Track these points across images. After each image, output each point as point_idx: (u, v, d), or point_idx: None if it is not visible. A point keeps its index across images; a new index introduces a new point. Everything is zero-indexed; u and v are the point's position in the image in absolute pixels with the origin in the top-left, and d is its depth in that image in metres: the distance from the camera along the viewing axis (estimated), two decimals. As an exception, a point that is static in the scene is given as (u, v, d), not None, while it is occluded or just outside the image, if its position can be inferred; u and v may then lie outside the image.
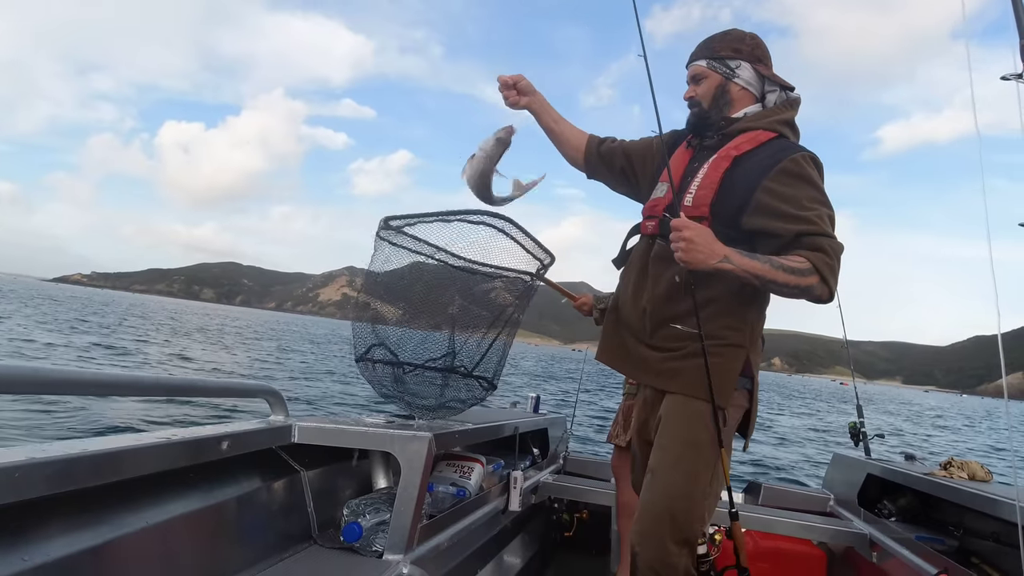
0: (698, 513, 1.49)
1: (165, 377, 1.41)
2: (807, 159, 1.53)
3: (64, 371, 1.04)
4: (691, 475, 1.50)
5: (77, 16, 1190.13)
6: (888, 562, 2.29)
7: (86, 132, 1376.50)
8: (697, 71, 1.67)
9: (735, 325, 1.54)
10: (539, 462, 3.06)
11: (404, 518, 1.50)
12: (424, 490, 1.57)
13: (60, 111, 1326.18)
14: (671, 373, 1.56)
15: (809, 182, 1.51)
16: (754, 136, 1.59)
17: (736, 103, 1.65)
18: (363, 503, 1.61)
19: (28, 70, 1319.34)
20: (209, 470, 1.36)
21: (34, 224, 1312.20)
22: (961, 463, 2.46)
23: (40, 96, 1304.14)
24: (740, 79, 1.64)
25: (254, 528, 1.42)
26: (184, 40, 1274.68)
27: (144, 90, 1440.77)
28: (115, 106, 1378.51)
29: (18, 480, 0.91)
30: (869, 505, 2.71)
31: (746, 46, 1.65)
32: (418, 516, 1.54)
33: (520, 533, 2.72)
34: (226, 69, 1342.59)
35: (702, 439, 1.50)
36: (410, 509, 1.51)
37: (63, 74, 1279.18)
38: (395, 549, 1.48)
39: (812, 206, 1.48)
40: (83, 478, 1.03)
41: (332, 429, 1.62)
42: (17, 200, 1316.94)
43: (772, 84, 1.66)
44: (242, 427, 1.48)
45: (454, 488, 1.98)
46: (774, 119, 1.62)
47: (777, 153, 1.53)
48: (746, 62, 1.64)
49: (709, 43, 1.67)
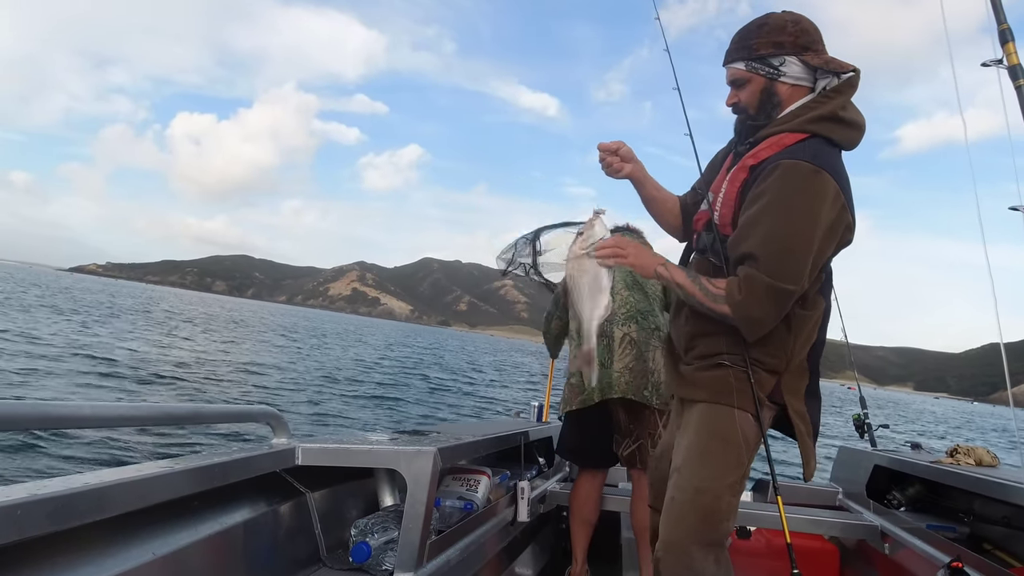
0: (725, 511, 1.43)
1: (165, 406, 1.40)
2: (794, 170, 1.35)
3: (64, 406, 1.03)
4: (718, 470, 1.45)
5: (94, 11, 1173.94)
6: (900, 552, 2.28)
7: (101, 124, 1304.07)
8: (737, 75, 1.49)
9: (772, 351, 1.46)
10: (545, 471, 3.05)
11: (413, 535, 1.49)
12: (431, 506, 1.55)
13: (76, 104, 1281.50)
14: (699, 383, 1.53)
15: (777, 199, 1.35)
16: (778, 140, 1.44)
17: (786, 102, 1.48)
18: (371, 522, 1.60)
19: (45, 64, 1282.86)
20: (214, 497, 1.35)
21: (50, 214, 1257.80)
22: (967, 449, 2.45)
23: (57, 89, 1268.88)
24: (787, 77, 1.45)
25: (262, 553, 1.40)
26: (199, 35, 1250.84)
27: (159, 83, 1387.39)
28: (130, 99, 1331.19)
29: (20, 518, 0.90)
30: (878, 496, 2.70)
31: (788, 36, 1.44)
32: (426, 532, 1.53)
33: (530, 544, 2.70)
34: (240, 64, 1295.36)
35: (730, 435, 1.45)
36: (418, 526, 1.50)
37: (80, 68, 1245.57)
38: (405, 567, 1.46)
39: (759, 231, 1.35)
40: (86, 513, 1.02)
41: (336, 449, 1.61)
42: (33, 190, 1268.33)
43: (825, 72, 1.45)
44: (245, 452, 1.47)
45: (461, 502, 1.96)
46: (804, 118, 1.43)
47: (776, 157, 1.39)
48: (791, 56, 1.44)
49: (746, 39, 1.47)
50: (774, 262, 1.34)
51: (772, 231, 1.35)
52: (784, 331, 1.45)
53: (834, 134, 1.43)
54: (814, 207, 1.34)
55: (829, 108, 1.42)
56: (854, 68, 1.44)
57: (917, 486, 2.61)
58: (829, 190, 1.35)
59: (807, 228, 1.34)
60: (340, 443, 1.65)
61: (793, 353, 1.47)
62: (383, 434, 1.88)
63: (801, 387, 1.52)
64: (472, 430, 2.04)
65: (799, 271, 1.35)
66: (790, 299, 1.37)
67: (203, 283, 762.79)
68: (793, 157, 1.37)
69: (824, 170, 1.35)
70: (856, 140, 1.49)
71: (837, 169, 1.39)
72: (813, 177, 1.34)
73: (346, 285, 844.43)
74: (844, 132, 1.45)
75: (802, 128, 1.42)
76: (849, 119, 1.45)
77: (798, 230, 1.34)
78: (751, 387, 1.45)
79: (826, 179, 1.35)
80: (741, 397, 1.45)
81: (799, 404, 1.51)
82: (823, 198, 1.34)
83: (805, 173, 1.34)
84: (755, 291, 1.35)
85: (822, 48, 1.46)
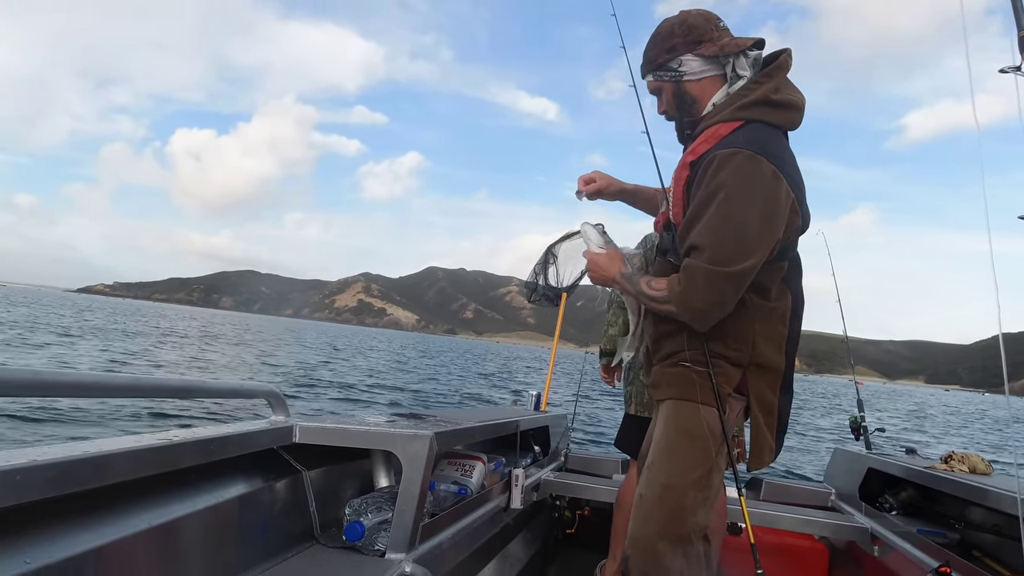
0: (691, 506, 1.45)
1: (166, 378, 1.41)
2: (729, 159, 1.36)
3: (65, 373, 1.04)
4: (684, 465, 1.47)
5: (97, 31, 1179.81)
6: (889, 556, 2.29)
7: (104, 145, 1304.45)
8: (650, 87, 1.60)
9: (733, 344, 1.48)
10: (540, 459, 3.07)
11: (406, 517, 1.51)
12: (426, 489, 1.57)
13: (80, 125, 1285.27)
14: (665, 382, 1.56)
15: (715, 190, 1.36)
16: (713, 132, 1.46)
17: (701, 97, 1.52)
18: (365, 502, 1.61)
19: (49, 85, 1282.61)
20: (211, 471, 1.36)
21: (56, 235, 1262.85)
22: (962, 456, 2.46)
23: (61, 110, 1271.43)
24: (690, 75, 1.51)
25: (256, 528, 1.42)
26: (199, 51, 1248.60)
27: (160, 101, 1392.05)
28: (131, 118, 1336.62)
29: (19, 482, 0.91)
30: (870, 499, 2.71)
31: (677, 38, 1.50)
32: (420, 515, 1.54)
33: (522, 531, 2.72)
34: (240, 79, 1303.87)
35: (695, 431, 1.47)
36: (412, 508, 1.51)
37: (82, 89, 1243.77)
38: (397, 548, 1.48)
39: (698, 223, 1.38)
40: (85, 480, 1.03)
41: (333, 429, 1.63)
42: (38, 212, 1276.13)
43: (727, 55, 1.48)
44: (243, 428, 1.49)
45: (456, 486, 1.98)
46: (736, 106, 1.46)
47: (713, 150, 1.41)
48: (685, 55, 1.50)
49: (647, 53, 1.57)
50: (714, 249, 1.35)
51: (710, 221, 1.36)
52: (744, 322, 1.47)
53: (770, 117, 1.45)
54: (752, 191, 1.35)
55: (760, 93, 1.44)
56: (755, 40, 1.46)
57: (910, 490, 2.62)
58: (766, 172, 1.35)
59: (745, 212, 1.35)
60: (338, 423, 1.66)
61: (755, 345, 1.48)
62: (381, 416, 1.90)
63: (771, 379, 1.52)
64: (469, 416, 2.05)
65: (739, 253, 1.34)
66: (733, 283, 1.36)
67: (210, 299, 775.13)
68: (728, 146, 1.38)
69: (759, 154, 1.36)
70: (796, 120, 1.50)
71: (774, 152, 1.40)
72: (747, 163, 1.35)
73: (352, 296, 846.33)
74: (780, 114, 1.46)
75: (735, 116, 1.44)
76: (782, 100, 1.46)
77: (735, 213, 1.35)
78: (711, 382, 1.46)
79: (761, 162, 1.35)
80: (704, 392, 1.47)
81: (766, 394, 1.51)
82: (760, 181, 1.35)
83: (739, 160, 1.35)
84: (694, 280, 1.37)
85: (716, 34, 1.48)
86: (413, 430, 1.61)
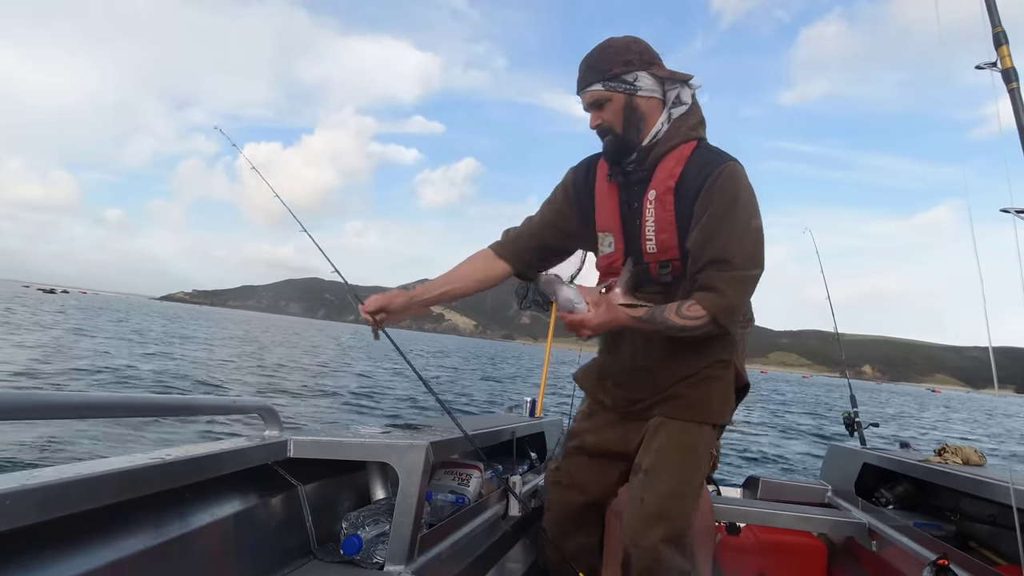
0: (689, 514, 1.55)
1: (158, 397, 1.39)
2: (735, 170, 1.47)
3: (54, 396, 1.03)
4: (689, 473, 1.57)
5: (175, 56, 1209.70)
6: (887, 550, 2.30)
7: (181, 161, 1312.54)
8: (597, 96, 1.56)
9: (731, 348, 1.63)
10: (537, 466, 3.06)
11: (404, 528, 1.50)
12: (423, 499, 1.56)
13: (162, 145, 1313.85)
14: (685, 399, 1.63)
15: (732, 200, 1.46)
16: (679, 153, 1.53)
17: (649, 116, 1.56)
18: (362, 515, 1.60)
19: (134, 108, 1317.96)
20: (205, 489, 1.34)
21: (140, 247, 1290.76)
22: (955, 448, 2.48)
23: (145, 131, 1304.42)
24: (643, 91, 1.55)
25: (253, 545, 1.40)
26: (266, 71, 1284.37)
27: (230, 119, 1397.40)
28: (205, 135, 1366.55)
29: (9, 507, 0.90)
30: (866, 494, 2.72)
31: (634, 54, 1.55)
32: (418, 526, 1.53)
33: (521, 538, 2.71)
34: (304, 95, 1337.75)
35: (700, 448, 1.60)
36: (409, 519, 1.50)
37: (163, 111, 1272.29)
38: (396, 560, 1.47)
39: (724, 233, 1.45)
40: (77, 502, 1.02)
41: (328, 442, 1.61)
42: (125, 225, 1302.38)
43: (672, 82, 1.57)
44: (237, 444, 1.47)
45: (453, 496, 1.97)
46: (689, 126, 1.56)
47: (704, 168, 1.49)
48: (641, 71, 1.54)
49: (597, 64, 1.55)
50: (744, 257, 1.47)
51: (735, 231, 1.47)
52: None
53: (704, 135, 1.60)
54: (754, 199, 1.51)
55: (700, 115, 1.59)
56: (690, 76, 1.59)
57: (905, 484, 2.64)
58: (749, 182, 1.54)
59: (757, 219, 1.50)
60: (332, 436, 1.65)
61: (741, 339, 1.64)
62: (375, 427, 1.89)
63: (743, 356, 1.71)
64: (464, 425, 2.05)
65: (760, 258, 1.50)
66: (754, 286, 1.52)
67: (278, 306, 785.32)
68: (719, 162, 1.49)
69: None
70: None
71: None
72: (744, 172, 1.50)
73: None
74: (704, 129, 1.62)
75: (689, 137, 1.56)
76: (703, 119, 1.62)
77: (752, 221, 1.49)
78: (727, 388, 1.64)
79: (745, 173, 1.51)
80: (720, 407, 1.63)
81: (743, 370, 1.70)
82: (752, 190, 1.52)
83: (742, 172, 1.49)
84: (736, 291, 1.47)
85: (663, 63, 1.59)
86: (408, 440, 1.60)
